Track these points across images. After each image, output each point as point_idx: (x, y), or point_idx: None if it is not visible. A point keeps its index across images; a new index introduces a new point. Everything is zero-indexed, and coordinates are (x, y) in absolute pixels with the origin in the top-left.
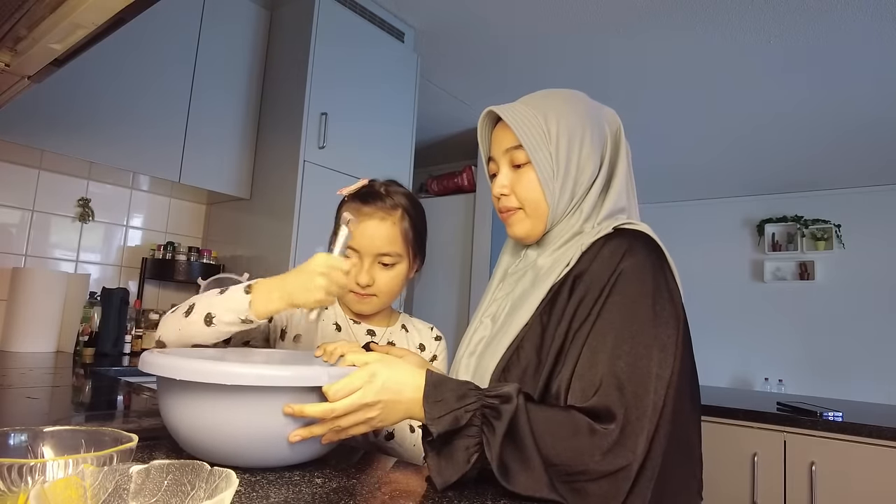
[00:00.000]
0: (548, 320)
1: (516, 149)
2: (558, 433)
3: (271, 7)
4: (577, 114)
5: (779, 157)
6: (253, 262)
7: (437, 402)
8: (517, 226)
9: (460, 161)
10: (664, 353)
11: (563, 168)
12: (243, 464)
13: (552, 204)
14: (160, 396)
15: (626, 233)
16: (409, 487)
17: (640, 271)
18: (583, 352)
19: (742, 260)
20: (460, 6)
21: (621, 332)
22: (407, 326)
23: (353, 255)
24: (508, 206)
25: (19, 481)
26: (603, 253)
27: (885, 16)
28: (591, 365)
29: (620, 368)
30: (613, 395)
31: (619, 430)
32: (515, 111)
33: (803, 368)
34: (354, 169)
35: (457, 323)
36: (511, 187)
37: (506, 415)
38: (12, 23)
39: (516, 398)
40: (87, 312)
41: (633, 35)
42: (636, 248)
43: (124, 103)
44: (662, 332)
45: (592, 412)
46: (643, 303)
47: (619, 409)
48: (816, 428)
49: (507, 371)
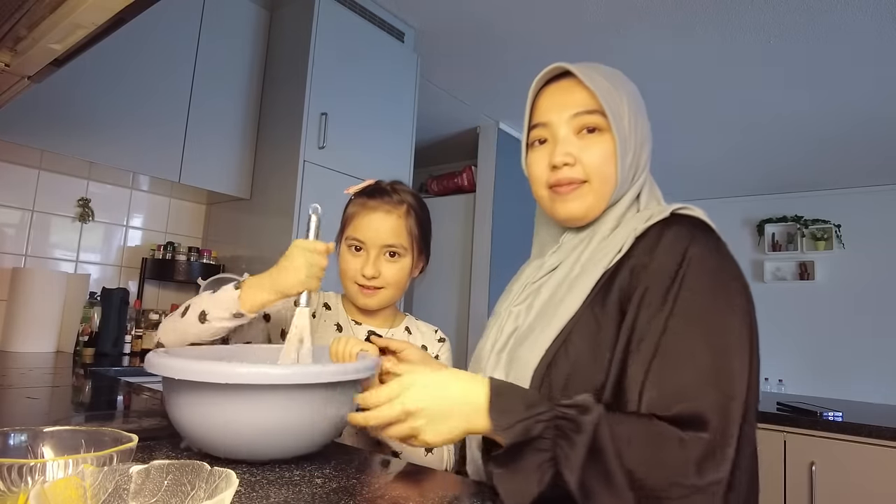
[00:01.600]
0: (602, 311)
1: (591, 113)
2: (644, 447)
3: (271, 7)
4: (633, 90)
5: (779, 156)
6: (253, 262)
7: (505, 412)
8: (577, 201)
9: (460, 161)
10: (744, 350)
11: (633, 141)
12: (249, 456)
13: (622, 180)
14: (167, 395)
15: (685, 219)
16: (410, 488)
17: (708, 262)
18: (657, 352)
19: (742, 260)
20: (460, 6)
21: (698, 330)
22: (411, 328)
23: (359, 245)
24: (571, 178)
25: (19, 481)
26: (664, 241)
27: (885, 16)
28: (672, 367)
29: (704, 370)
30: (702, 400)
31: (711, 438)
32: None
33: (803, 368)
34: (354, 169)
35: (457, 323)
36: (577, 156)
37: (587, 427)
38: (12, 23)
39: (596, 407)
40: (87, 312)
41: (633, 35)
42: (699, 236)
43: (124, 103)
44: (740, 326)
45: (679, 420)
46: (716, 296)
47: (711, 416)
48: (816, 428)
49: (554, 366)
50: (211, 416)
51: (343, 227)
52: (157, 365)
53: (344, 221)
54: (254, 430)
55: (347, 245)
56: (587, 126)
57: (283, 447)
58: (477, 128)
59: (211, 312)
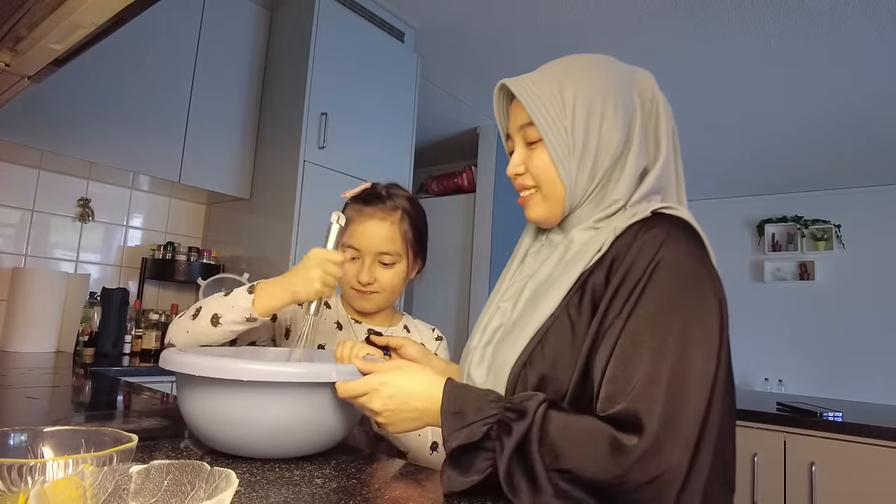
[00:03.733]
0: (577, 312)
1: (529, 125)
2: (579, 447)
3: (271, 7)
4: (599, 81)
5: (779, 157)
6: (253, 262)
7: (455, 415)
8: (533, 209)
9: (460, 161)
10: (707, 354)
11: (580, 144)
12: (257, 454)
13: (569, 185)
14: (180, 392)
15: (665, 218)
16: (410, 488)
17: (679, 263)
18: (614, 352)
19: (742, 260)
20: (460, 6)
21: (659, 330)
22: (409, 327)
23: (355, 253)
24: (524, 185)
25: (19, 481)
26: (640, 240)
27: (885, 16)
28: (623, 367)
29: (658, 372)
30: (645, 401)
31: (648, 441)
32: (527, 83)
33: (803, 368)
34: (354, 169)
35: (456, 323)
36: (526, 166)
37: (516, 432)
38: (12, 23)
39: (533, 413)
40: (87, 312)
41: (633, 35)
42: (675, 236)
43: (124, 103)
44: (705, 330)
45: (618, 421)
46: (683, 298)
47: (649, 419)
48: (816, 428)
49: (530, 366)
50: (231, 413)
51: (344, 230)
52: (172, 362)
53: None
54: (269, 427)
55: (344, 250)
56: (527, 139)
57: (298, 444)
58: (477, 128)
59: (224, 316)
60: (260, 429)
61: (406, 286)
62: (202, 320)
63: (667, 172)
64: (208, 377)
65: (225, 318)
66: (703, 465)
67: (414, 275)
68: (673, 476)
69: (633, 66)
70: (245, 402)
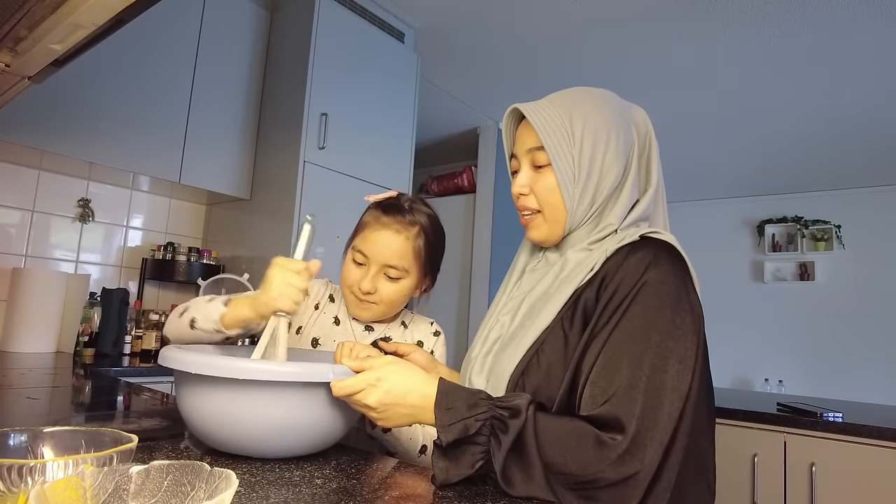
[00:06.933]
0: (570, 326)
1: (538, 150)
2: (567, 445)
3: (272, 8)
4: (605, 116)
5: (779, 157)
6: (253, 262)
7: (448, 410)
8: (535, 230)
9: (460, 161)
10: (682, 366)
11: (584, 173)
12: (256, 453)
13: (570, 209)
14: (178, 390)
15: (652, 242)
16: (410, 488)
17: (662, 283)
18: (598, 359)
19: (742, 260)
20: (460, 6)
21: (639, 343)
22: (406, 323)
23: (363, 259)
24: (527, 206)
25: (19, 482)
26: (629, 262)
27: (885, 16)
28: (606, 373)
29: (637, 378)
30: (625, 404)
31: (628, 440)
32: (540, 110)
33: (803, 369)
34: (354, 169)
35: (456, 324)
36: (531, 187)
37: (513, 429)
38: (12, 23)
39: (525, 412)
40: (87, 313)
41: (633, 35)
42: (661, 259)
43: (125, 104)
44: (681, 344)
45: (601, 421)
46: (663, 315)
47: (628, 420)
48: (816, 429)
49: (527, 374)
50: (225, 411)
51: (355, 232)
52: (171, 359)
53: (357, 227)
54: (266, 427)
55: (352, 253)
56: (535, 162)
57: (296, 445)
58: (477, 128)
59: (199, 322)
60: (256, 427)
61: (407, 301)
62: (184, 321)
63: (655, 201)
64: (204, 375)
65: (199, 325)
66: (674, 464)
67: (419, 293)
68: (647, 472)
69: (630, 104)
70: (240, 401)
